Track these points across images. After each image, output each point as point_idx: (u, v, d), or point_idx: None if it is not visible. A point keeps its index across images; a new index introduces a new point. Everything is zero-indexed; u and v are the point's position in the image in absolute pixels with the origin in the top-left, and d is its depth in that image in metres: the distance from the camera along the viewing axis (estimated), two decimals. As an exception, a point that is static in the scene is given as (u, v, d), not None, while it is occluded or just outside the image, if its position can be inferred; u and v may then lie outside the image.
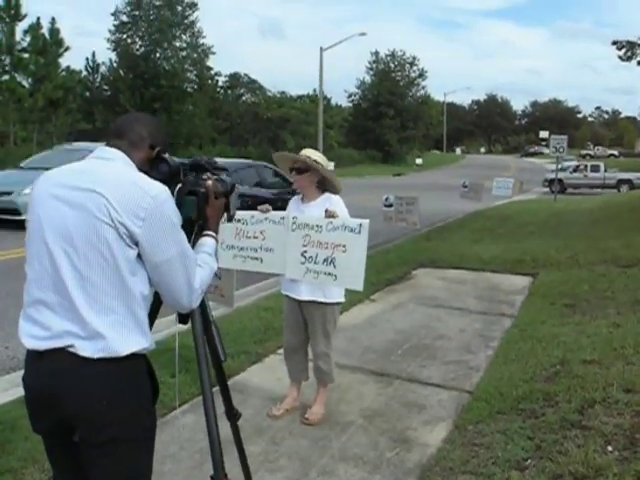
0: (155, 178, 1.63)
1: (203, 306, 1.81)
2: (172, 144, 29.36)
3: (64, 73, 28.23)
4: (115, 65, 31.03)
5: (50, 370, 1.48)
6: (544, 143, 46.45)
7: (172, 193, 1.68)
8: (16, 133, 25.94)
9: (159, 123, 1.77)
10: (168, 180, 1.69)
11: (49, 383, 1.48)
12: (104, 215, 1.46)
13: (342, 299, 3.33)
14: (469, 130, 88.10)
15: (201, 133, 33.09)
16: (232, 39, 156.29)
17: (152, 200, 1.50)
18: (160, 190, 1.54)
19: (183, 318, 1.79)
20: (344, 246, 2.92)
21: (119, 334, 1.48)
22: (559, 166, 21.29)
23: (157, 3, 31.35)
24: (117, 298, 1.48)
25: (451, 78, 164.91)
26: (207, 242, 1.75)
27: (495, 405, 3.37)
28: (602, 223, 11.26)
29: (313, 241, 3.00)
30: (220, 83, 41.62)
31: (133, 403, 1.53)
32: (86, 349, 1.46)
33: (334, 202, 3.23)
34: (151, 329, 1.84)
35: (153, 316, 1.82)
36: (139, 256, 1.52)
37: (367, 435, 3.19)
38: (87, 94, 30.79)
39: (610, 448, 2.58)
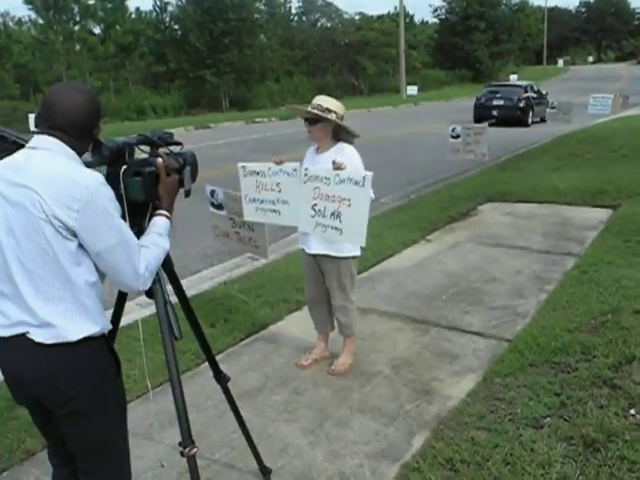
0: (98, 162, 1.63)
1: (161, 285, 1.80)
2: (246, 80, 28.73)
3: (133, 16, 28.06)
4: (182, 2, 29.62)
5: (12, 355, 1.60)
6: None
7: (118, 175, 1.67)
8: (93, 83, 26.41)
9: (88, 97, 1.65)
10: (112, 163, 1.67)
11: (12, 366, 1.62)
12: (38, 211, 1.50)
13: (357, 252, 3.25)
14: (575, 37, 78.99)
15: (275, 66, 32.10)
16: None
17: (85, 191, 1.51)
18: (92, 180, 1.55)
19: (150, 294, 1.80)
20: (349, 200, 2.75)
21: (68, 321, 1.56)
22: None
23: None
24: (62, 288, 1.55)
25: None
26: (157, 222, 1.76)
27: (529, 357, 3.23)
28: None
29: (322, 194, 2.86)
30: (293, 10, 40.01)
31: (91, 380, 1.63)
32: (39, 336, 1.56)
33: (346, 153, 3.08)
34: (122, 309, 1.94)
35: (123, 298, 1.90)
36: (81, 246, 1.56)
37: (391, 386, 3.20)
38: (158, 36, 29.81)
39: (633, 412, 2.40)
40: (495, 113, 17.47)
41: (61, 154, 1.59)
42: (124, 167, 1.70)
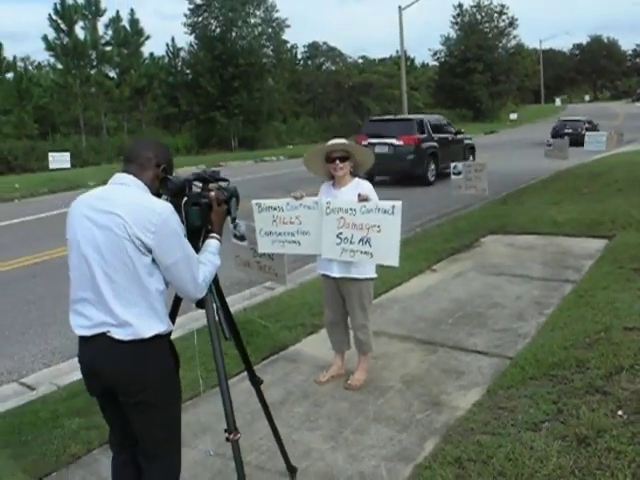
0: (165, 193, 2.04)
1: (213, 295, 2.18)
2: (254, 121, 29.91)
3: (147, 61, 29.82)
4: (194, 48, 31.38)
5: (93, 351, 1.95)
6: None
7: (180, 205, 2.07)
8: (108, 123, 27.86)
9: (162, 145, 2.16)
10: (176, 195, 2.07)
11: (93, 361, 1.97)
12: (123, 232, 1.88)
13: (375, 275, 3.60)
14: (571, 77, 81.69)
15: (282, 108, 33.43)
16: (310, 7, 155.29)
17: (159, 216, 1.90)
18: (165, 208, 1.95)
19: (200, 304, 2.17)
20: (379, 226, 3.11)
21: (142, 322, 1.91)
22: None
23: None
24: (138, 295, 1.91)
25: (547, 24, 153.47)
26: (211, 243, 2.15)
27: (529, 371, 3.51)
28: None
29: (348, 223, 3.21)
30: (299, 55, 41.67)
31: (158, 374, 1.98)
32: (119, 334, 1.90)
33: (365, 188, 3.44)
34: (177, 312, 2.29)
35: (178, 303, 2.25)
36: (154, 260, 1.93)
37: (403, 399, 3.48)
38: (170, 79, 31.65)
39: (620, 412, 2.68)
40: (566, 137, 22.98)
41: (136, 187, 2.00)
42: (185, 199, 2.11)
